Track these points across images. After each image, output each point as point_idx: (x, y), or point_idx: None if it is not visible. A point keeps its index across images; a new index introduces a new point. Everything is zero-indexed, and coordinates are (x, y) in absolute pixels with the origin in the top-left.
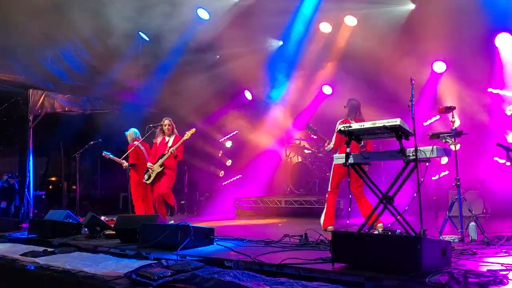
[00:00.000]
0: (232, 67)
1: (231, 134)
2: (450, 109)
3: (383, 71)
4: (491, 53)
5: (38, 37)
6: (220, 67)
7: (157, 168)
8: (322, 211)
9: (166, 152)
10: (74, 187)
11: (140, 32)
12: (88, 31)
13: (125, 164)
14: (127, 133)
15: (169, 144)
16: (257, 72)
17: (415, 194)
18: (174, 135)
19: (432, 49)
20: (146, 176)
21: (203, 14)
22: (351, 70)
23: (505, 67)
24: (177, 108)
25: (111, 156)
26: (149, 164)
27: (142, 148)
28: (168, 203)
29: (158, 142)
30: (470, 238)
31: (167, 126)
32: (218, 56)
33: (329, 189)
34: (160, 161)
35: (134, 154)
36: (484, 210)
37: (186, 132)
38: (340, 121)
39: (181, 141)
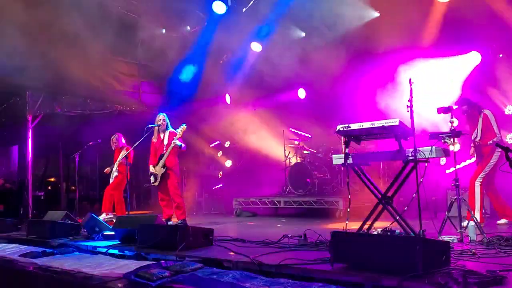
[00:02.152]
0: None
1: (230, 135)
2: (448, 109)
3: None
4: None
5: (36, 37)
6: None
7: (159, 170)
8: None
9: (164, 151)
10: (73, 187)
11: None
12: (88, 29)
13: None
14: (115, 137)
15: (165, 141)
16: None
17: (414, 195)
18: (168, 131)
19: None
20: (152, 179)
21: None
22: None
23: None
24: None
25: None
26: (151, 167)
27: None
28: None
29: (155, 141)
30: (469, 239)
31: (161, 121)
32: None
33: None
34: (161, 161)
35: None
36: (483, 211)
37: (178, 130)
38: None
39: (175, 139)
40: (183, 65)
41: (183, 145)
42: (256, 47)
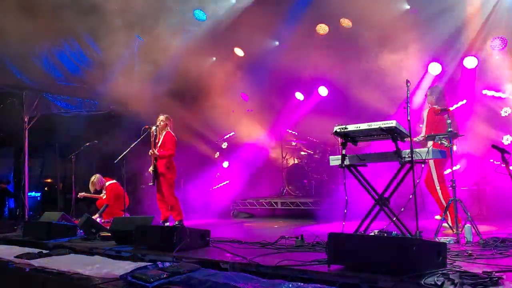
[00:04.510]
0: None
1: (228, 136)
2: (445, 111)
3: None
4: None
5: (34, 37)
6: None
7: (152, 171)
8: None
9: (151, 153)
10: (69, 188)
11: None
12: (85, 31)
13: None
14: (96, 179)
15: (160, 143)
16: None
17: (410, 196)
18: (165, 132)
19: None
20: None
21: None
22: None
23: None
24: (173, 108)
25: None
26: (150, 168)
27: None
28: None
29: (156, 141)
30: (466, 240)
31: (159, 122)
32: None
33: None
34: (153, 163)
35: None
36: (480, 212)
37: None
38: (429, 108)
39: (155, 150)
40: None
41: (162, 154)
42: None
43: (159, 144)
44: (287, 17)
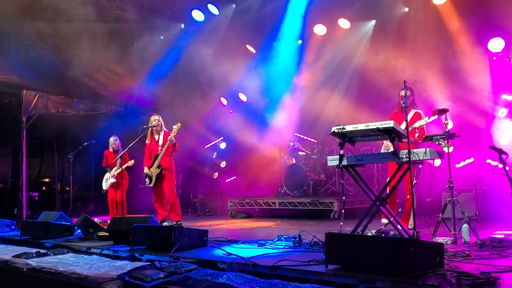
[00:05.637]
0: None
1: (226, 136)
2: (443, 111)
3: None
4: None
5: (32, 37)
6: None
7: (155, 171)
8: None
9: (159, 151)
10: (67, 188)
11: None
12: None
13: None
14: (114, 139)
15: (160, 142)
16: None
17: (408, 196)
18: (163, 131)
19: None
20: (147, 180)
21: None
22: None
23: None
24: (172, 108)
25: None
26: (145, 168)
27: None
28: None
29: (149, 142)
30: (463, 240)
31: (156, 122)
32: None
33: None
34: (157, 162)
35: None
36: (477, 212)
37: (173, 128)
38: (415, 111)
39: (170, 137)
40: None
41: (176, 144)
42: None
43: (160, 144)
44: None
